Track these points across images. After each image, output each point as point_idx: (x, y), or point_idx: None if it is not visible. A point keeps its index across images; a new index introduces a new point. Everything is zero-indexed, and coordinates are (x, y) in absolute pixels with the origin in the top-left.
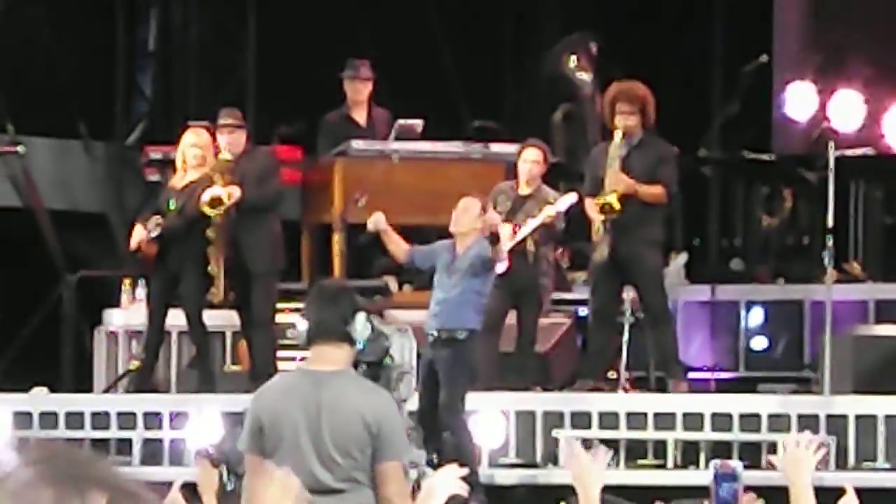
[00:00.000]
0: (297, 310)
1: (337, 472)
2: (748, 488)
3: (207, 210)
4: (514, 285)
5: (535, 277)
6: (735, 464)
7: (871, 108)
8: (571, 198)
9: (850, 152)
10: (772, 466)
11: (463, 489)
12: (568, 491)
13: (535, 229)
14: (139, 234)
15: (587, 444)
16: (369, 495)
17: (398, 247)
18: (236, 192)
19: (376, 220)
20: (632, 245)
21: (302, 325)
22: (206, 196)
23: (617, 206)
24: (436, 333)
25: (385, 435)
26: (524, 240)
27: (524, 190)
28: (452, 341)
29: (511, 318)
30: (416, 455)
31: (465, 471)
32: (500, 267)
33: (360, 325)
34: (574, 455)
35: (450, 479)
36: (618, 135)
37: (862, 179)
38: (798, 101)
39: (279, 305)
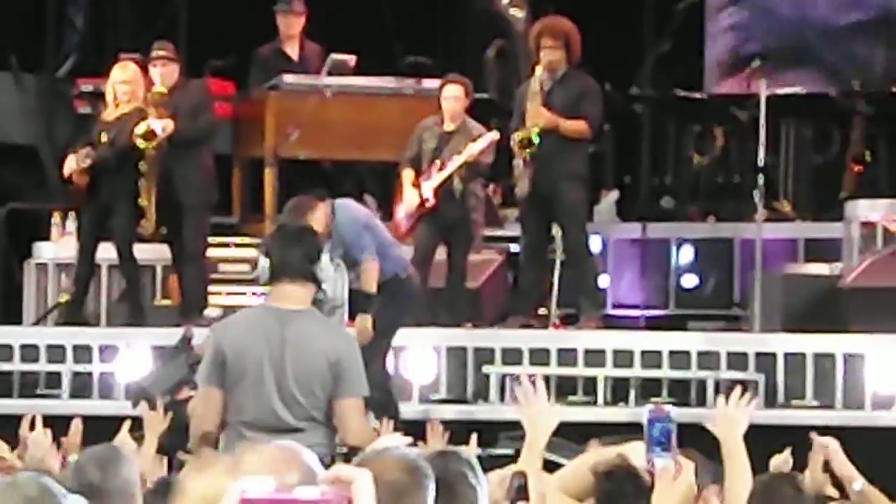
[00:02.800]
0: (253, 245)
1: (297, 411)
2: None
3: (141, 143)
4: (442, 221)
5: (464, 213)
6: (669, 407)
7: None
8: (493, 135)
9: (780, 91)
10: (702, 401)
11: None
12: (498, 427)
13: (458, 167)
14: (70, 166)
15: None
16: (326, 434)
17: None
18: (170, 125)
19: None
20: (552, 180)
21: (263, 261)
22: (140, 129)
23: (536, 140)
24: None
25: (346, 371)
26: (450, 176)
27: (448, 126)
28: (384, 285)
29: (441, 253)
30: None
31: (408, 439)
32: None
33: (325, 265)
34: (529, 396)
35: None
36: (538, 70)
37: (792, 118)
38: None
39: (210, 239)
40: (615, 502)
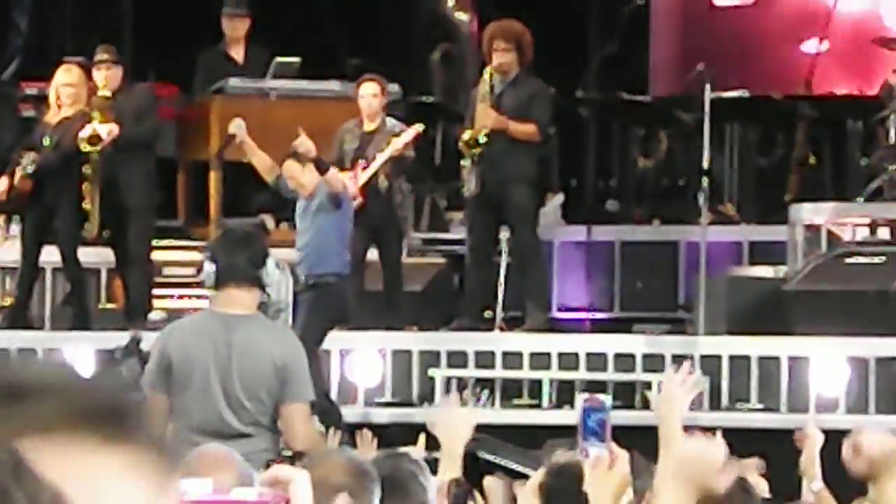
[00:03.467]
0: (198, 249)
1: (244, 416)
2: (620, 428)
3: (86, 147)
4: (371, 222)
5: (392, 211)
6: (603, 397)
7: None
8: (416, 128)
9: (725, 94)
10: (646, 403)
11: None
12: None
13: (383, 164)
14: (6, 181)
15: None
16: (272, 439)
17: (264, 163)
18: (115, 129)
19: (238, 126)
20: (501, 181)
21: (209, 266)
22: (85, 132)
23: (483, 140)
24: (303, 278)
25: (292, 376)
26: (375, 175)
27: (368, 126)
28: (319, 285)
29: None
30: None
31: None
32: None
33: (271, 270)
34: (447, 405)
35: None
36: (487, 72)
37: (737, 121)
38: None
39: (155, 242)
40: (557, 498)
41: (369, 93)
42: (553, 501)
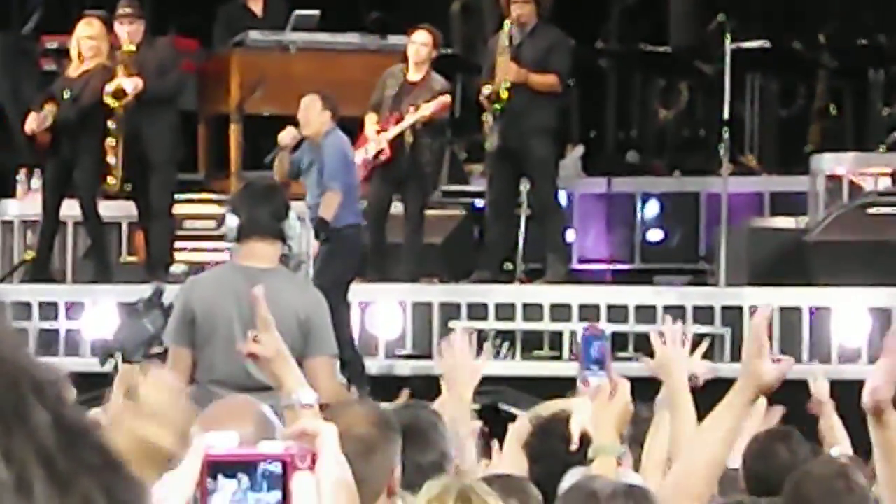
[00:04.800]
0: (219, 202)
1: None
2: (642, 380)
3: (111, 101)
4: (396, 175)
5: (417, 166)
6: (603, 325)
7: None
8: (444, 99)
9: (746, 45)
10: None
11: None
12: None
13: (412, 124)
14: (31, 125)
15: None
16: None
17: (283, 167)
18: (140, 83)
19: (290, 134)
20: (522, 134)
21: (231, 220)
22: (111, 87)
23: (504, 95)
24: (315, 232)
25: (316, 330)
26: (404, 131)
27: (413, 76)
28: (332, 237)
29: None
30: None
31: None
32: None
33: (293, 222)
34: (450, 349)
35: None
36: (507, 24)
37: (758, 72)
38: None
39: (176, 196)
40: (544, 459)
41: (419, 40)
42: (540, 460)
